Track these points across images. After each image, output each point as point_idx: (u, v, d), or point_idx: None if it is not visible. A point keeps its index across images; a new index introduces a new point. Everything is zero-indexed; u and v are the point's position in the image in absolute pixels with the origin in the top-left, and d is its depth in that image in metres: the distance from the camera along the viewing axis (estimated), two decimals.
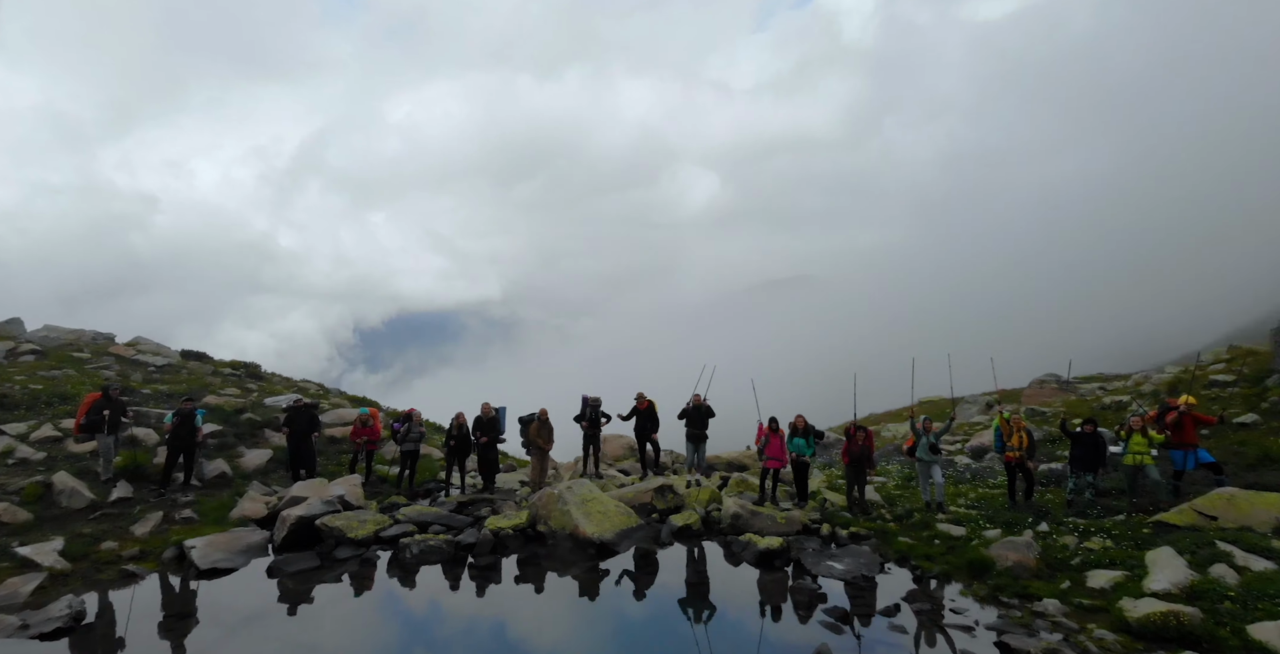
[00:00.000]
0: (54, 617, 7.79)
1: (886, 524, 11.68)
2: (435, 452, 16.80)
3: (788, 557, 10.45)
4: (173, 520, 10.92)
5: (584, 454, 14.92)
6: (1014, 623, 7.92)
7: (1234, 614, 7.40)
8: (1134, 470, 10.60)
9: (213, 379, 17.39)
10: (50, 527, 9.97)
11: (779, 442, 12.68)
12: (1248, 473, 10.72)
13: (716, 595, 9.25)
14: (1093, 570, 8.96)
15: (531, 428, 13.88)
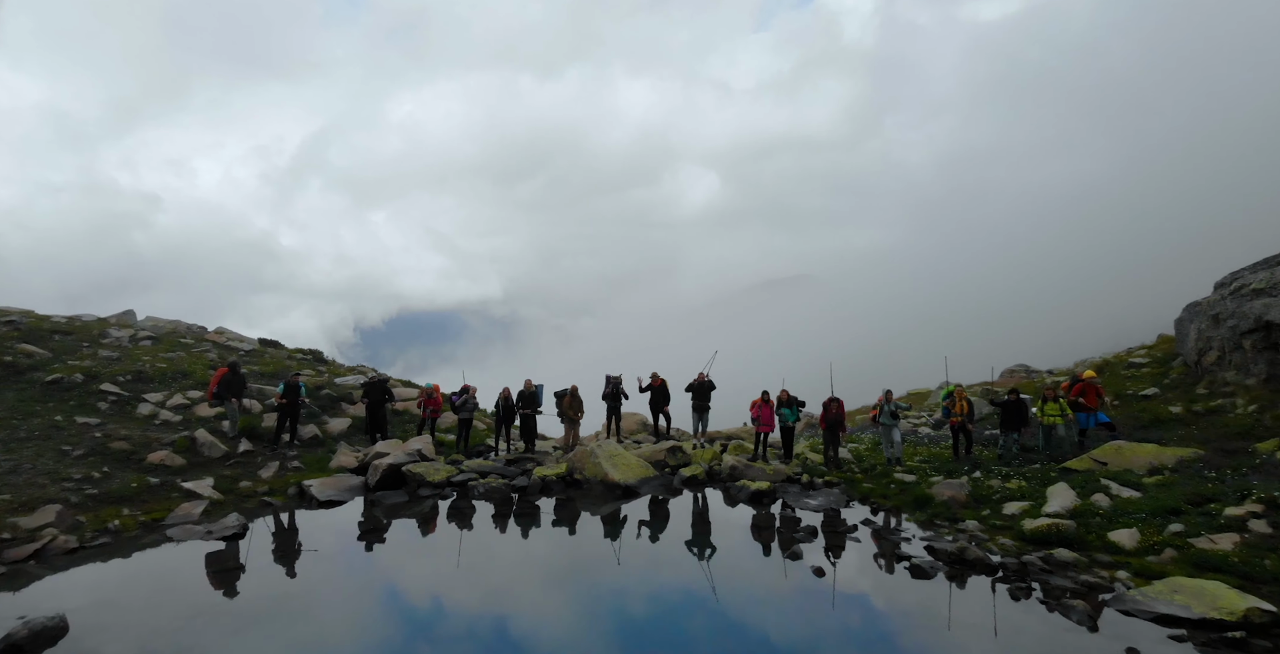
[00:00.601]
0: (229, 526, 10.12)
1: (855, 475, 13.96)
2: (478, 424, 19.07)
3: (774, 496, 12.75)
4: (286, 468, 13.25)
5: (607, 423, 17.19)
6: (940, 536, 10.20)
7: (1100, 525, 9.64)
8: (1048, 430, 12.86)
9: (289, 362, 19.72)
10: (199, 470, 12.29)
11: (769, 410, 14.96)
12: (1141, 431, 12.94)
13: (717, 521, 11.54)
14: (1008, 503, 11.19)
15: (565, 400, 16.17)
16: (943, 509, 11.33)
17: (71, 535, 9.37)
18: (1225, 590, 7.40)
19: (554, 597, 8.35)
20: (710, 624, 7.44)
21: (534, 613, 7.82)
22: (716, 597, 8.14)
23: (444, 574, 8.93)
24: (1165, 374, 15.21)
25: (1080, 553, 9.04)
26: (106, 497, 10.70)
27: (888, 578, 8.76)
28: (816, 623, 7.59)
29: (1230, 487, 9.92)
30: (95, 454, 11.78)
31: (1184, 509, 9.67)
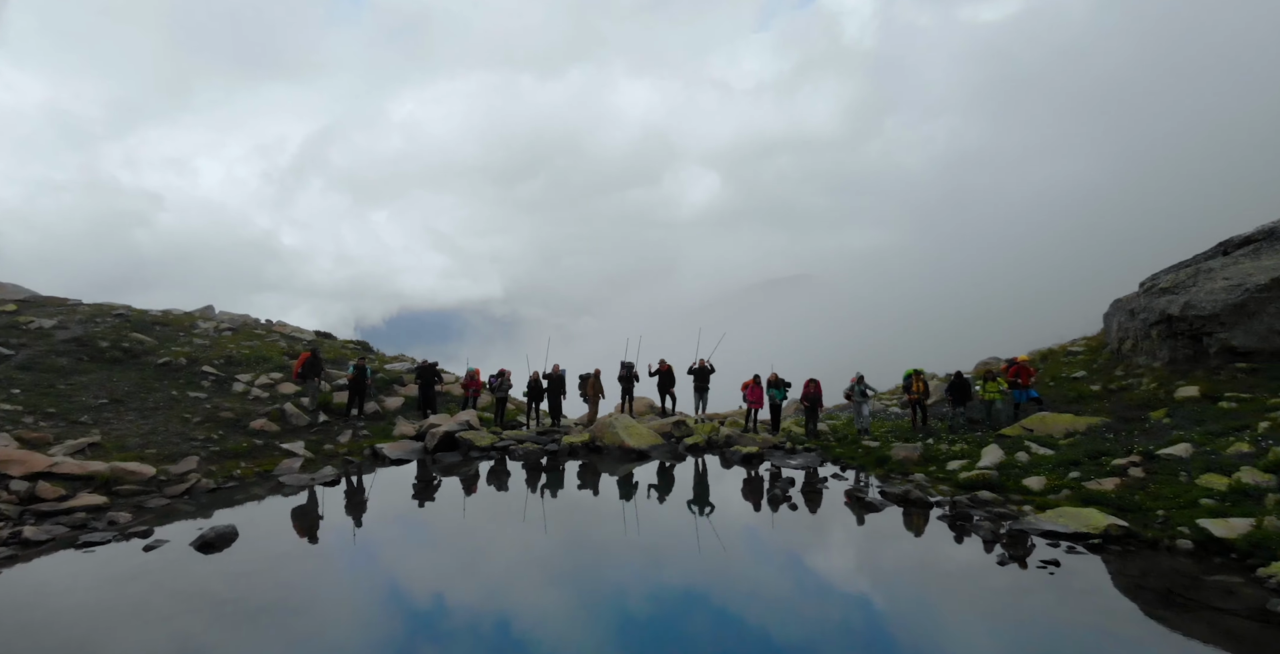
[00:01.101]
0: (327, 475, 12.32)
1: (830, 443, 16.11)
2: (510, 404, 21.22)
3: (761, 458, 14.91)
4: (358, 435, 15.44)
5: (622, 401, 19.33)
6: (893, 484, 12.35)
7: (1018, 475, 11.77)
8: (988, 404, 14.99)
9: (344, 350, 21.90)
10: (290, 435, 14.48)
11: (759, 390, 17.11)
12: (1066, 405, 15.04)
13: (713, 475, 13.70)
14: (951, 461, 13.31)
15: (588, 383, 18.34)
16: (898, 466, 13.49)
17: (209, 480, 11.57)
18: (1096, 515, 9.54)
19: (589, 522, 10.52)
20: (708, 542, 9.63)
21: (572, 532, 10.02)
22: (713, 524, 10.34)
23: (501, 505, 11.12)
24: (1095, 360, 17.30)
25: (999, 494, 11.18)
26: (225, 453, 12.90)
27: (846, 511, 10.94)
28: (790, 539, 9.79)
29: (1121, 445, 12.04)
30: (209, 421, 13.98)
31: (1083, 461, 11.79)
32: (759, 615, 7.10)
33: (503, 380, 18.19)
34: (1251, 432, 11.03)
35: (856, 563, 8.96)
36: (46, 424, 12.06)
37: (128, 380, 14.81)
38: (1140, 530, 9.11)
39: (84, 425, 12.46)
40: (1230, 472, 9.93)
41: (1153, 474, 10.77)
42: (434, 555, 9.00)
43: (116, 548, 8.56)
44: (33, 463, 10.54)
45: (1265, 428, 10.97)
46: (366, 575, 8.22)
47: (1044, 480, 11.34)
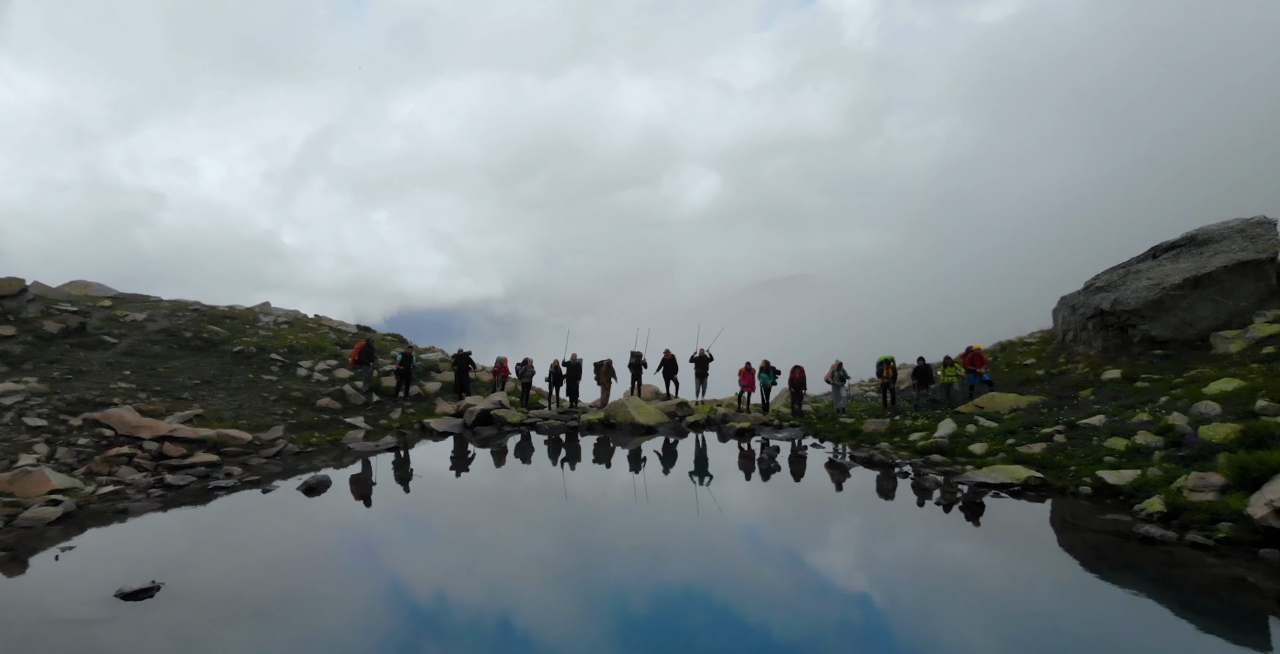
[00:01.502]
0: (387, 443, 14.32)
1: (812, 420, 18.06)
2: None
3: (753, 432, 16.87)
4: (406, 413, 17.41)
5: (631, 386, 21.26)
6: (861, 451, 14.30)
7: (965, 442, 13.69)
8: (946, 386, 16.93)
9: (384, 341, 23.87)
10: (350, 412, 16.46)
11: (751, 375, 19.06)
12: (1015, 387, 16.97)
13: (711, 447, 15.66)
14: (912, 433, 15.24)
15: (602, 369, 20.29)
16: (868, 437, 15.43)
17: (293, 445, 13.56)
18: (1020, 470, 11.49)
19: (608, 477, 12.51)
20: (707, 491, 11.63)
21: (594, 482, 12.03)
22: (712, 479, 12.34)
23: (532, 467, 13.12)
24: (1044, 350, 19.20)
25: (948, 458, 13.11)
26: (301, 425, 14.88)
27: (820, 470, 12.93)
28: (774, 488, 11.79)
29: (1052, 417, 13.97)
30: (283, 399, 15.96)
31: (1019, 431, 13.73)
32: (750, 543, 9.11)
33: (527, 367, 20.15)
34: (1153, 404, 12.96)
35: (826, 505, 10.95)
36: (156, 399, 14.05)
37: (211, 365, 16.80)
38: (1053, 481, 11.08)
39: (186, 400, 14.44)
40: (1130, 436, 11.87)
41: (1072, 440, 12.70)
42: (483, 496, 11.01)
43: (242, 492, 10.56)
44: (157, 428, 12.53)
45: (1164, 401, 12.90)
46: (432, 511, 10.24)
47: (986, 446, 13.28)
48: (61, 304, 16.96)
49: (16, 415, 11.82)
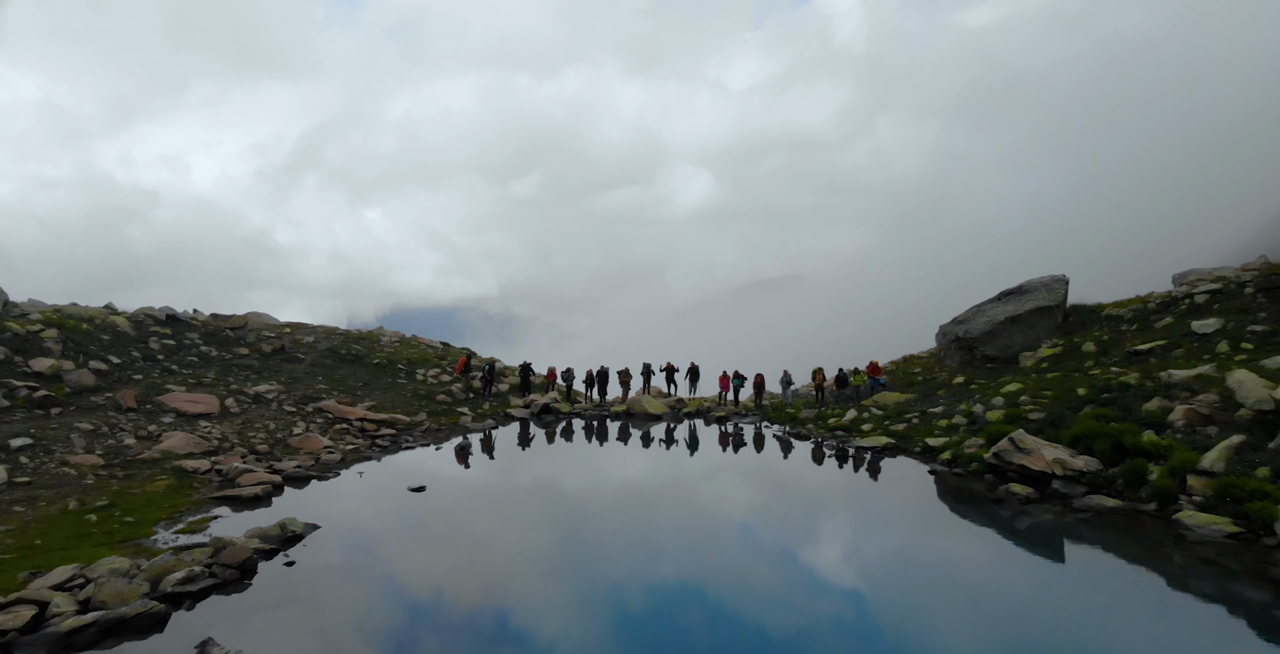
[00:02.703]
0: (490, 425, 20.17)
1: (768, 412, 23.91)
2: None
3: (727, 419, 22.73)
4: (493, 405, 23.22)
5: (643, 387, 27.06)
6: (795, 428, 20.14)
7: (859, 423, 19.54)
8: (856, 387, 22.83)
9: (463, 352, 29.65)
10: (459, 404, 22.28)
11: (727, 380, 24.93)
12: (902, 388, 22.79)
13: (699, 428, 21.50)
14: (830, 418, 21.06)
15: (622, 374, 26.14)
16: (800, 422, 21.29)
17: (433, 424, 19.40)
18: (884, 438, 17.35)
19: (630, 446, 18.35)
20: (696, 451, 17.53)
21: (621, 448, 17.90)
22: (699, 443, 18.25)
23: (581, 439, 18.98)
24: (929, 362, 25.08)
25: (847, 432, 18.98)
26: (433, 412, 20.70)
27: (767, 440, 18.81)
28: (736, 450, 17.69)
29: (915, 408, 19.83)
30: (415, 396, 21.80)
31: (893, 416, 19.57)
32: (716, 474, 15.03)
33: (569, 373, 26.01)
34: (972, 400, 18.83)
35: (765, 458, 16.84)
36: (343, 395, 19.88)
37: (365, 373, 22.64)
38: (903, 445, 16.94)
39: (359, 396, 20.28)
40: (951, 418, 17.73)
41: (922, 421, 18.55)
42: (555, 451, 16.87)
43: (422, 448, 16.43)
44: (354, 413, 18.38)
45: (978, 397, 18.77)
46: (528, 455, 16.14)
47: (871, 426, 19.12)
48: (266, 332, 22.82)
49: (279, 404, 17.68)
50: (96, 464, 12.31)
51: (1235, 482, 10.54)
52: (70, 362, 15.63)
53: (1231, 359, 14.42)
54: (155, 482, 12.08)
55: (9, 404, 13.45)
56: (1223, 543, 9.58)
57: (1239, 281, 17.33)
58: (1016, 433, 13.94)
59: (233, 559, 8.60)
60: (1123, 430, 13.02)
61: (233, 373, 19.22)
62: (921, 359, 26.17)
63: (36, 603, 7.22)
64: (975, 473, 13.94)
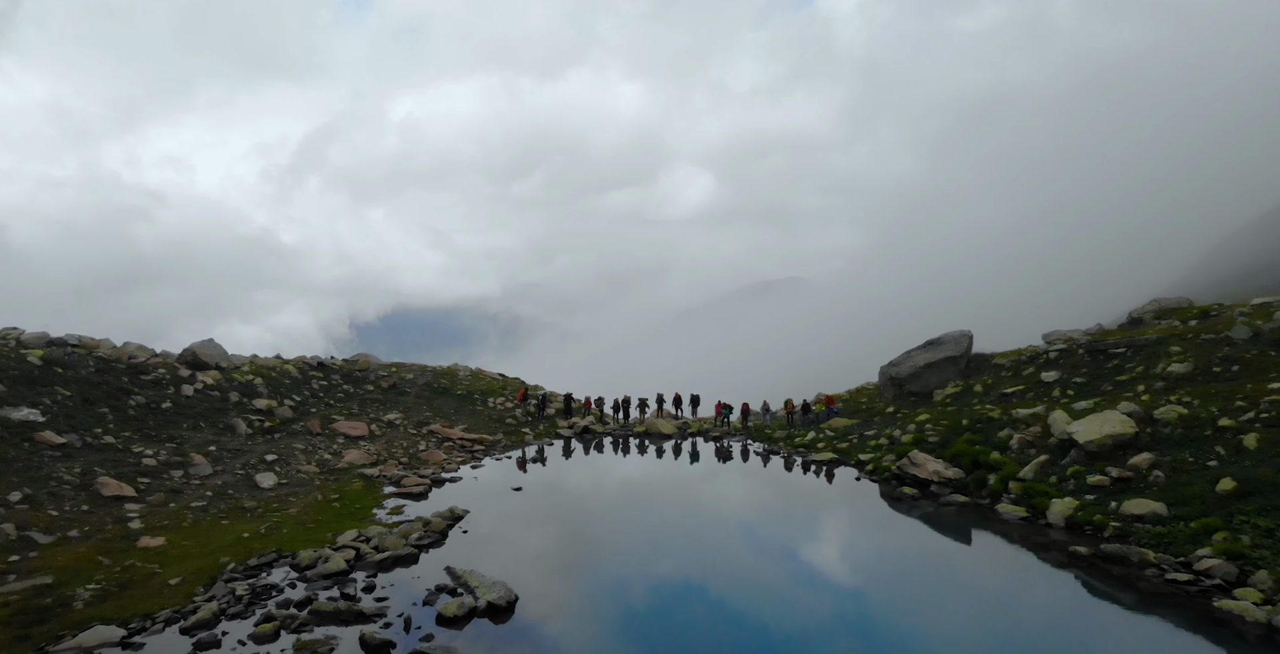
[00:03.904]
0: (547, 441, 25.27)
1: (752, 432, 28.91)
2: None
3: (721, 438, 27.75)
4: (545, 427, 28.31)
5: (657, 412, 32.07)
6: (770, 446, 25.14)
7: (815, 442, 24.52)
8: (816, 414, 27.84)
9: (518, 383, 34.79)
10: (522, 426, 27.38)
11: (720, 408, 29.99)
12: (851, 415, 27.75)
13: (699, 444, 26.51)
14: (797, 438, 26.04)
15: (641, 402, 31.20)
16: (774, 440, 26.26)
17: (507, 441, 24.47)
18: (830, 454, 22.37)
19: (648, 454, 23.41)
20: (697, 460, 22.62)
21: (640, 455, 22.99)
22: (699, 455, 23.32)
23: (615, 450, 24.04)
24: (872, 395, 30.04)
25: (807, 449, 23.95)
26: (506, 432, 25.80)
27: (748, 453, 23.82)
28: (725, 459, 22.74)
29: (857, 431, 24.78)
30: (490, 419, 26.93)
31: (840, 437, 24.53)
32: (708, 473, 20.11)
33: (601, 402, 31.11)
34: (896, 425, 23.80)
35: (747, 467, 21.86)
36: (442, 420, 25.03)
37: (453, 402, 27.83)
38: (844, 459, 21.90)
39: (454, 420, 25.44)
40: (879, 439, 22.70)
41: (860, 441, 23.55)
42: (598, 457, 21.92)
43: (505, 461, 21.52)
44: (454, 434, 23.51)
45: (900, 423, 23.71)
46: (585, 458, 21.20)
47: (824, 444, 24.09)
48: (380, 372, 28.10)
49: (404, 428, 22.87)
50: (315, 472, 17.48)
51: (1034, 485, 15.58)
52: (274, 400, 20.91)
53: (1058, 402, 19.44)
54: (352, 483, 17.21)
55: (251, 431, 18.69)
56: (1016, 523, 14.58)
57: (1078, 343, 22.39)
58: (913, 452, 18.98)
59: (435, 528, 13.71)
60: (979, 451, 18.07)
61: (368, 405, 24.46)
62: (868, 390, 31.18)
63: (352, 548, 12.35)
64: (887, 479, 18.92)
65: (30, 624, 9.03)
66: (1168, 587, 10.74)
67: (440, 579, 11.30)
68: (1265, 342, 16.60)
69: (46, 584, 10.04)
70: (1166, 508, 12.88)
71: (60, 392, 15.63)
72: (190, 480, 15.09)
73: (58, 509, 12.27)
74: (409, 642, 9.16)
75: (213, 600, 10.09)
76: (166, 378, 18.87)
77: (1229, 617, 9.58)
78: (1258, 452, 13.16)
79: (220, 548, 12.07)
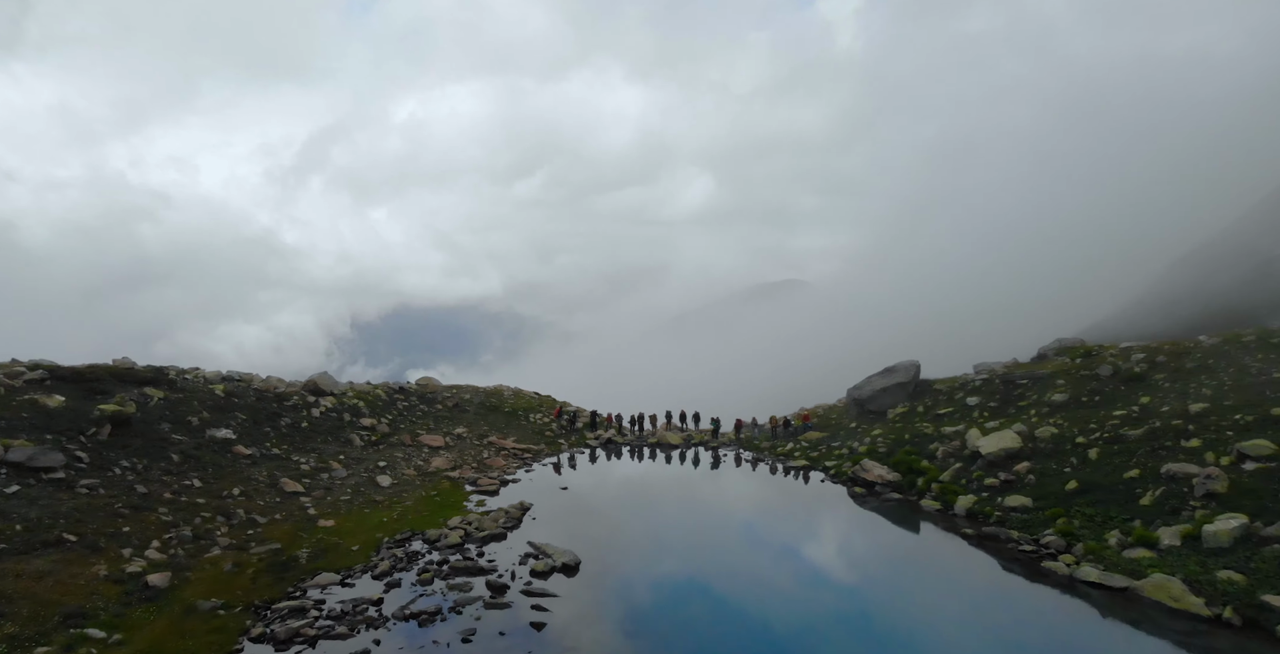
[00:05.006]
0: (579, 450, 29.32)
1: (743, 443, 32.83)
2: None
3: (719, 448, 31.69)
4: (575, 439, 32.31)
5: (666, 425, 36.02)
6: (756, 455, 29.09)
7: (792, 451, 28.44)
8: (795, 428, 31.79)
9: (551, 400, 38.86)
10: (559, 438, 31.42)
11: (718, 422, 33.98)
12: (824, 429, 31.64)
13: (701, 452, 30.49)
14: (779, 448, 29.95)
15: (653, 418, 35.20)
16: (760, 449, 30.19)
17: (548, 450, 28.52)
18: (803, 461, 26.32)
19: (659, 460, 27.40)
20: (699, 464, 26.65)
21: (652, 459, 27.01)
22: (700, 460, 27.34)
23: (633, 457, 28.05)
24: (841, 413, 33.93)
25: (785, 456, 27.88)
26: (546, 443, 29.83)
27: (739, 459, 27.80)
28: (719, 464, 26.75)
29: (828, 443, 28.66)
30: (533, 432, 30.98)
31: (812, 448, 28.43)
32: (712, 479, 24.16)
33: (620, 417, 35.15)
34: (856, 438, 27.68)
35: (738, 470, 25.84)
36: (499, 433, 29.12)
37: (503, 418, 31.93)
38: (815, 466, 25.80)
39: (505, 433, 29.52)
40: (842, 449, 26.60)
41: (828, 450, 27.45)
42: (621, 460, 25.92)
43: (550, 466, 25.56)
44: (508, 444, 27.59)
45: (859, 436, 27.59)
46: (613, 468, 25.25)
47: (799, 453, 28.01)
48: (444, 393, 32.30)
49: (469, 439, 26.98)
50: (414, 474, 21.59)
51: (949, 486, 19.53)
52: (375, 418, 25.12)
53: (976, 422, 23.38)
54: (441, 484, 21.29)
55: (363, 444, 22.86)
56: (933, 513, 18.53)
57: (997, 374, 26.38)
58: (864, 460, 22.95)
59: (513, 516, 17.79)
60: (914, 460, 22.03)
61: (440, 421, 28.62)
62: (839, 408, 35.14)
63: (461, 529, 16.42)
64: (845, 481, 22.85)
65: (279, 571, 13.14)
66: (1019, 554, 14.70)
67: (525, 549, 15.35)
68: (1120, 378, 20.60)
69: (277, 549, 14.16)
70: (1032, 502, 16.82)
71: (239, 415, 19.88)
72: (334, 481, 19.23)
73: (262, 500, 16.42)
74: (517, 585, 13.21)
75: (385, 560, 14.19)
76: (300, 403, 23.12)
77: (1048, 571, 13.54)
78: (1097, 462, 17.11)
79: (373, 527, 16.18)
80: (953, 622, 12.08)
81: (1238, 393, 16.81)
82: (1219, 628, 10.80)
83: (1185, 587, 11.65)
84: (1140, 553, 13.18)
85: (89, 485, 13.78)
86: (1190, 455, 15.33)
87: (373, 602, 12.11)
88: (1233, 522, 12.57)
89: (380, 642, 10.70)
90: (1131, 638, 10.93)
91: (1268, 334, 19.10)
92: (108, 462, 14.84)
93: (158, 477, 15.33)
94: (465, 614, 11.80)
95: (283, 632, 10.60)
